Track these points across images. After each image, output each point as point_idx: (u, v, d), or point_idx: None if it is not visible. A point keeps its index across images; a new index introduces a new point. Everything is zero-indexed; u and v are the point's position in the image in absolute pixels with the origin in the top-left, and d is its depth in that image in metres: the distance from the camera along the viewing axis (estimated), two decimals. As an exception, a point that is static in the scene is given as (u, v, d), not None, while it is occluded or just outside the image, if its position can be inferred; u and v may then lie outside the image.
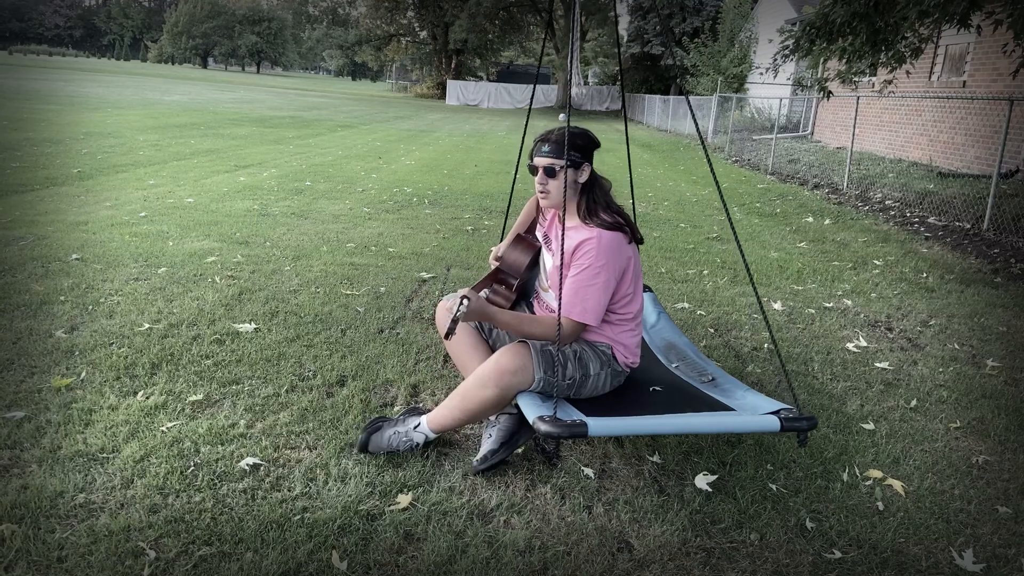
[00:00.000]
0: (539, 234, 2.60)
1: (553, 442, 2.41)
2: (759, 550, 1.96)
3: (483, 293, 2.54)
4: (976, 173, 9.86)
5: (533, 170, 2.33)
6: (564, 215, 2.20)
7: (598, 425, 1.89)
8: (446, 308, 2.51)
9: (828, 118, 16.08)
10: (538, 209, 2.66)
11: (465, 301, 2.05)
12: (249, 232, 5.35)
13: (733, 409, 2.24)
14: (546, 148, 2.28)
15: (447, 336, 2.08)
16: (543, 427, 1.87)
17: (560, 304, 2.11)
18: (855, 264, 5.49)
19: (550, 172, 2.28)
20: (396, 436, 2.28)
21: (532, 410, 2.03)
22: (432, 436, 2.31)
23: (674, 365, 2.69)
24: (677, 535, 1.99)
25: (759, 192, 9.66)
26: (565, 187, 2.17)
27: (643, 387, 2.47)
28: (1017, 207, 7.13)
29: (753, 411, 2.20)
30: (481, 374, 2.17)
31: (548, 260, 2.45)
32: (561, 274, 2.10)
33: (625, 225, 2.28)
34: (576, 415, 2.04)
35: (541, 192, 2.33)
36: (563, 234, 2.17)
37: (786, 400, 2.72)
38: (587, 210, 2.29)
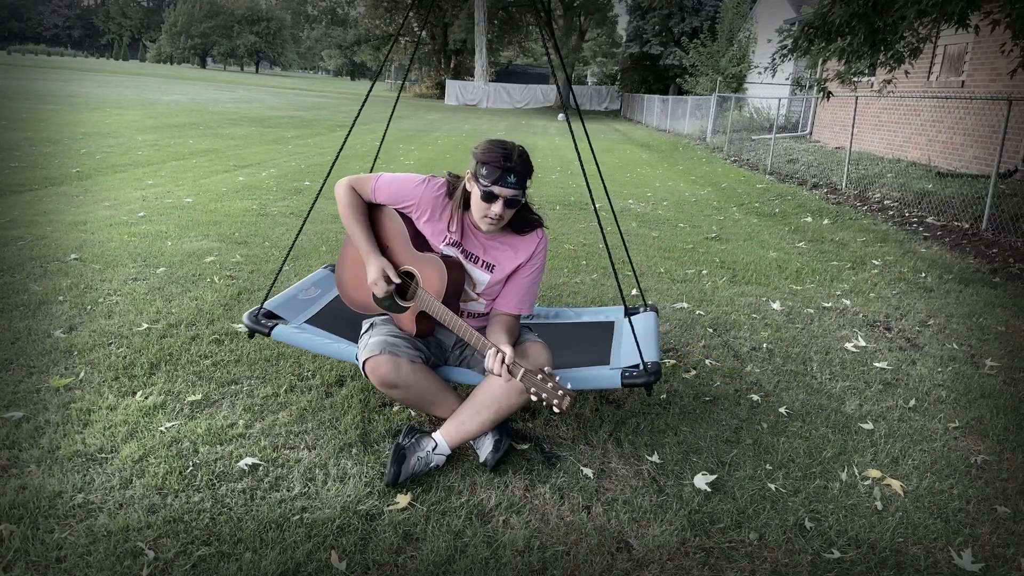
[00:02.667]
0: (444, 248, 2.31)
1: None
2: (758, 550, 1.96)
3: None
4: (975, 173, 9.87)
5: (491, 197, 2.15)
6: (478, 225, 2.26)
7: (657, 360, 2.39)
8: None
9: (827, 118, 16.09)
10: (449, 224, 2.31)
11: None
12: (248, 232, 5.35)
13: (609, 320, 2.79)
14: (513, 179, 2.14)
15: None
16: (649, 379, 2.25)
17: (512, 302, 2.32)
18: (854, 264, 5.50)
19: (514, 204, 2.20)
20: (419, 462, 2.18)
21: (599, 379, 2.39)
22: (448, 452, 2.24)
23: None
24: (676, 535, 1.99)
25: (758, 192, 9.66)
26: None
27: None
28: (1016, 207, 7.14)
29: (614, 315, 2.81)
30: (515, 383, 2.05)
31: (479, 278, 2.34)
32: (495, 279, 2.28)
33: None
34: (604, 368, 2.46)
35: (494, 221, 2.19)
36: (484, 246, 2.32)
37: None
38: (520, 220, 2.32)
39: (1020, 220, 6.66)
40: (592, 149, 2.72)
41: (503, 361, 2.02)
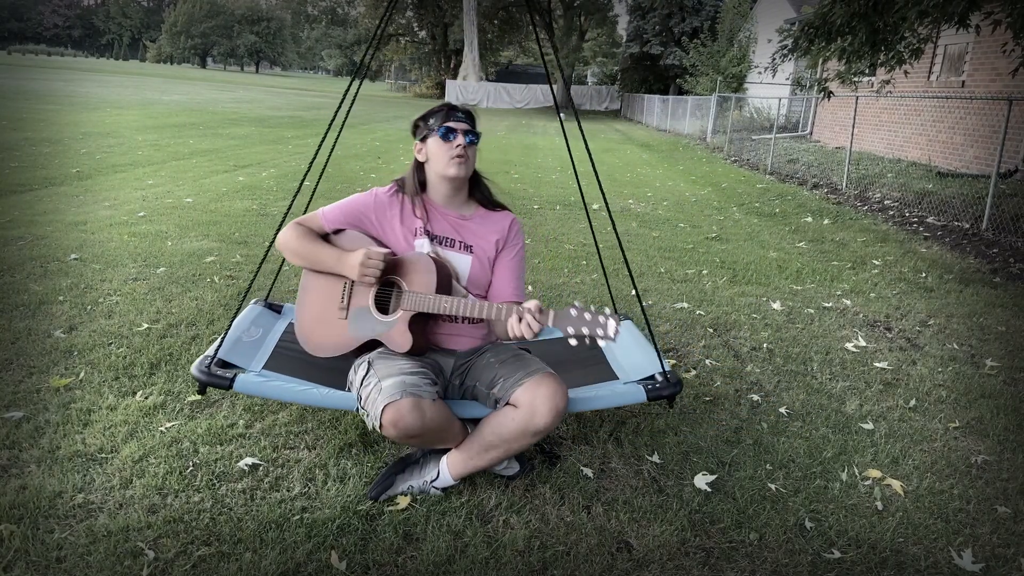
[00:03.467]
0: (422, 243, 2.18)
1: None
2: (758, 550, 1.96)
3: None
4: (975, 173, 9.86)
5: (448, 133, 2.11)
6: (443, 202, 2.20)
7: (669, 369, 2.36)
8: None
9: (827, 118, 16.09)
10: (413, 207, 2.21)
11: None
12: (248, 232, 5.35)
13: (617, 377, 2.54)
14: (461, 115, 2.16)
15: None
16: (674, 389, 2.25)
17: (510, 289, 2.21)
18: (854, 264, 5.50)
19: (471, 136, 2.15)
20: (410, 491, 2.07)
21: (621, 396, 2.29)
22: (450, 485, 2.09)
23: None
24: (676, 535, 1.99)
25: (758, 192, 9.66)
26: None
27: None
28: (1016, 207, 7.13)
29: (627, 376, 2.53)
30: (533, 425, 1.90)
31: (460, 262, 2.18)
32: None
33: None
34: (621, 382, 2.41)
35: (459, 157, 2.11)
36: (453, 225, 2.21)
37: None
38: (481, 193, 2.28)
39: (1020, 220, 6.66)
40: (589, 150, 2.65)
41: (532, 316, 1.85)
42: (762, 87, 20.42)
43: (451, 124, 2.13)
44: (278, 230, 2.28)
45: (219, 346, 2.29)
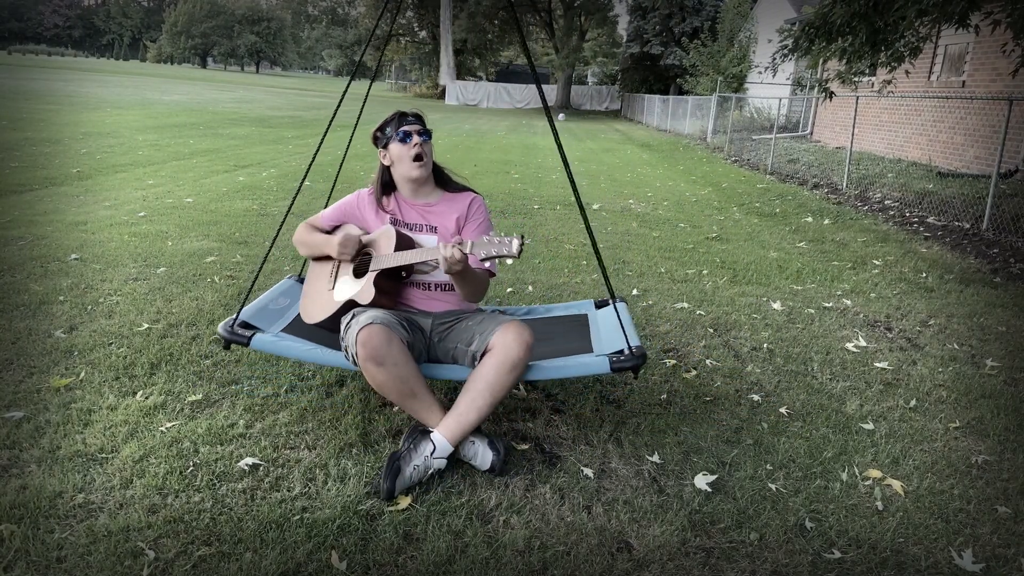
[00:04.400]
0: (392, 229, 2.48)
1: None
2: (758, 550, 1.96)
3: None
4: (975, 173, 9.86)
5: (405, 136, 2.45)
6: (410, 196, 2.53)
7: (638, 345, 2.42)
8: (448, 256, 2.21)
9: (827, 118, 16.08)
10: (380, 205, 2.56)
11: (513, 239, 2.09)
12: (248, 232, 5.35)
13: (582, 313, 2.84)
14: (411, 118, 2.50)
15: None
16: (637, 362, 2.31)
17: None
18: (854, 264, 5.49)
19: (425, 135, 2.49)
20: (416, 471, 2.12)
21: (585, 367, 2.40)
22: (450, 451, 2.18)
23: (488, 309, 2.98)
24: (676, 535, 1.99)
25: (758, 192, 9.66)
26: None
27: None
28: (1016, 207, 7.13)
29: (586, 309, 2.91)
30: (509, 359, 2.17)
31: (427, 242, 2.48)
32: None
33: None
34: (589, 356, 2.47)
35: (417, 158, 2.45)
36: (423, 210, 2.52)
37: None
38: (445, 182, 2.60)
39: (1021, 220, 6.66)
40: (560, 145, 2.52)
41: (454, 243, 2.14)
42: (762, 87, 20.42)
43: (405, 128, 2.47)
44: (279, 229, 2.79)
45: (241, 308, 2.59)
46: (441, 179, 2.61)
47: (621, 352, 2.38)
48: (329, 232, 2.63)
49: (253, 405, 2.59)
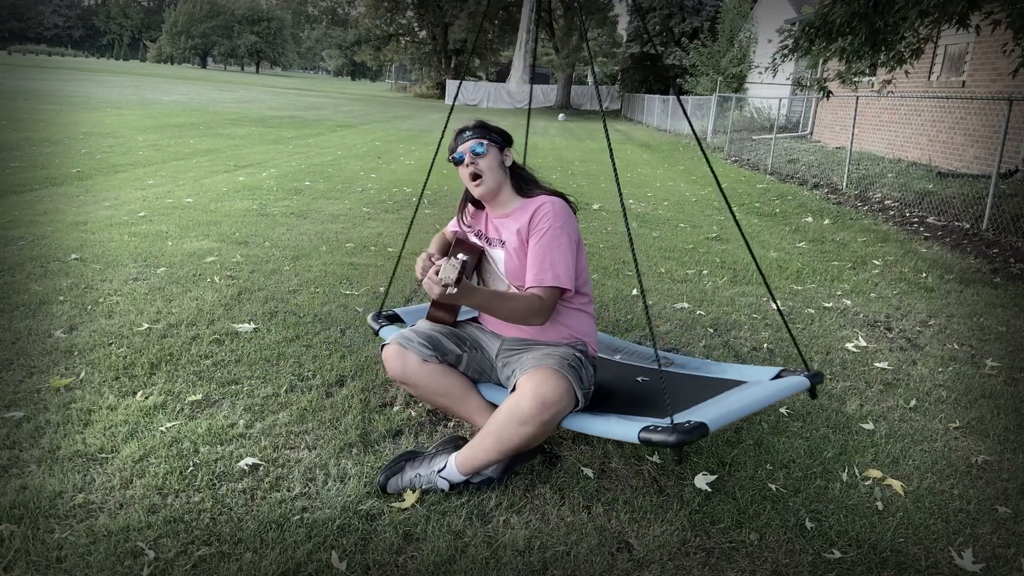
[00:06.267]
0: (473, 240, 2.44)
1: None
2: (758, 550, 1.96)
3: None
4: (975, 173, 9.86)
5: (459, 160, 2.29)
6: (490, 208, 2.35)
7: (712, 422, 1.89)
8: (431, 279, 1.98)
9: (827, 118, 16.09)
10: (461, 218, 2.51)
11: (457, 261, 1.88)
12: (248, 232, 5.35)
13: (743, 381, 2.39)
14: (468, 134, 2.32)
15: (438, 300, 1.95)
16: (668, 437, 1.80)
17: (529, 276, 2.17)
18: (854, 264, 5.49)
19: (479, 152, 2.27)
20: (418, 479, 2.09)
21: (620, 428, 1.96)
22: (458, 480, 2.10)
23: (617, 357, 2.80)
24: (676, 535, 1.99)
25: (758, 192, 9.66)
26: (511, 163, 2.31)
27: (618, 383, 2.51)
28: (1016, 207, 7.13)
29: (760, 378, 2.41)
30: (519, 411, 1.95)
31: (497, 256, 2.34)
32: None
33: (565, 196, 2.33)
34: (649, 420, 2.00)
35: (474, 179, 2.27)
36: (496, 221, 2.34)
37: (793, 365, 2.65)
38: (522, 186, 2.34)
39: (1021, 220, 6.66)
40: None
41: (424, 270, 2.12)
42: (762, 87, 20.42)
43: (459, 148, 2.31)
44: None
45: (383, 301, 2.97)
46: (520, 184, 2.36)
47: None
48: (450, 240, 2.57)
49: (253, 405, 2.59)
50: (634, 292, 4.35)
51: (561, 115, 33.46)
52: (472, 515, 2.03)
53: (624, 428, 1.97)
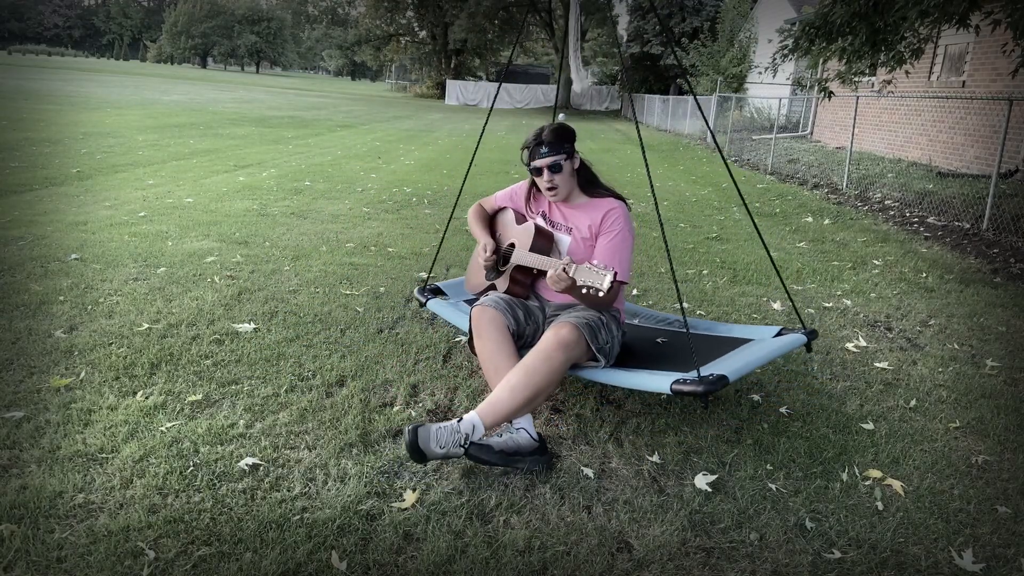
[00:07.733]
0: (540, 221, 2.74)
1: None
2: (758, 550, 1.96)
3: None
4: (975, 173, 9.86)
5: (537, 172, 2.60)
6: (563, 199, 2.65)
7: (732, 374, 2.23)
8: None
9: (827, 118, 16.08)
10: (530, 198, 2.82)
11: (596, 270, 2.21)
12: (248, 232, 5.35)
13: (750, 339, 2.77)
14: (545, 149, 2.56)
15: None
16: (698, 388, 2.14)
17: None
18: (854, 264, 5.49)
19: (556, 169, 2.58)
20: (439, 435, 2.10)
21: (653, 380, 2.28)
22: (477, 426, 2.15)
23: (636, 320, 3.22)
24: (676, 535, 1.99)
25: (758, 192, 9.66)
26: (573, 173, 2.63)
27: (640, 343, 2.86)
28: (1016, 207, 7.13)
29: (763, 336, 2.80)
30: (544, 349, 2.27)
31: (562, 239, 2.67)
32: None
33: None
34: (676, 374, 2.30)
35: (550, 189, 2.61)
36: (565, 214, 2.68)
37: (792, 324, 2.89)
38: (589, 185, 2.69)
39: (1021, 220, 6.66)
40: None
41: (562, 268, 2.28)
42: (762, 87, 20.41)
43: (536, 164, 2.59)
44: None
45: (428, 275, 3.42)
46: (586, 183, 2.70)
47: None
48: (498, 210, 2.92)
49: (253, 405, 2.59)
50: (634, 292, 4.35)
51: (561, 115, 33.44)
52: (472, 515, 2.03)
53: (656, 381, 2.28)
